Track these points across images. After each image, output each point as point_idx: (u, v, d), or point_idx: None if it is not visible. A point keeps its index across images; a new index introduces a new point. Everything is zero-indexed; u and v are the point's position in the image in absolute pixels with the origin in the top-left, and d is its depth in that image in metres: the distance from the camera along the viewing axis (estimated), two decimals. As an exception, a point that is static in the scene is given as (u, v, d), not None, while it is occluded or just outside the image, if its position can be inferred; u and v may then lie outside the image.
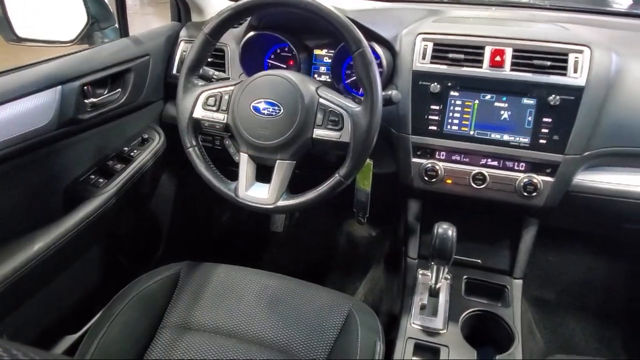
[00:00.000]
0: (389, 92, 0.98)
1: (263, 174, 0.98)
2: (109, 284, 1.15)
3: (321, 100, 0.93)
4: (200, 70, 1.02)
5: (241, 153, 0.97)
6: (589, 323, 1.50)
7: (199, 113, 0.98)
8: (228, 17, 0.94)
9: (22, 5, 1.12)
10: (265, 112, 0.93)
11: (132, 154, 1.26)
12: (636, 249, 1.55)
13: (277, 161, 0.94)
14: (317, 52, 1.27)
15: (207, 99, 0.98)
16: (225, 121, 0.97)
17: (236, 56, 1.24)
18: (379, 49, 1.10)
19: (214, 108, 0.98)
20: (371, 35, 1.11)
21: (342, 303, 0.99)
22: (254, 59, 1.26)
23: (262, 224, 1.87)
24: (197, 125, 1.00)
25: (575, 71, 1.00)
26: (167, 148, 1.35)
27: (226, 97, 0.97)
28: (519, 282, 1.17)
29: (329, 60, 1.22)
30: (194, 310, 0.97)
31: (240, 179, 0.97)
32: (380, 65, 1.10)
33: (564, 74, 1.01)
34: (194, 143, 0.99)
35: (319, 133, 0.92)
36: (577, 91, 1.00)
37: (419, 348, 1.00)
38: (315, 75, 1.27)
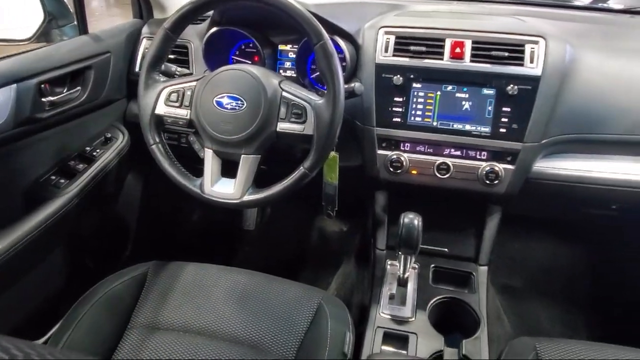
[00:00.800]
0: (352, 85, 0.99)
1: (229, 169, 0.97)
2: (75, 287, 1.13)
3: (284, 93, 0.93)
4: (163, 67, 1.01)
5: (206, 149, 0.97)
6: (555, 308, 1.55)
7: (161, 109, 0.97)
8: (187, 11, 0.93)
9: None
10: (229, 106, 0.92)
11: (94, 153, 1.23)
12: (595, 234, 1.61)
13: (242, 156, 0.94)
14: (282, 47, 1.27)
15: (170, 94, 0.97)
16: (188, 117, 0.96)
17: (200, 52, 1.23)
18: (342, 43, 1.11)
19: (177, 104, 0.97)
20: (334, 29, 1.11)
21: (312, 296, 0.99)
22: (218, 56, 1.25)
23: (233, 222, 1.86)
24: (159, 122, 0.98)
25: (531, 61, 1.03)
26: (131, 147, 1.33)
27: (189, 92, 0.97)
28: (484, 268, 1.20)
29: (294, 56, 1.22)
30: (162, 309, 0.96)
31: (205, 174, 0.96)
32: (343, 59, 1.11)
33: (521, 64, 1.04)
34: (157, 140, 0.98)
35: (282, 126, 0.92)
36: (534, 81, 1.03)
37: (388, 337, 1.01)
38: (281, 71, 1.27)
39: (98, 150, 1.24)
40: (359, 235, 1.73)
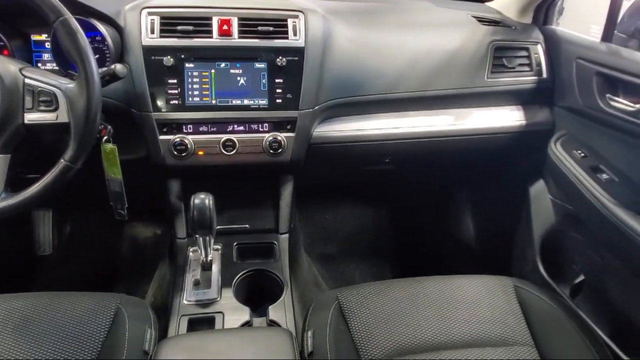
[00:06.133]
0: (112, 67, 0.92)
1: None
2: None
3: (27, 80, 0.82)
4: None
5: None
6: (365, 264, 1.71)
7: None
8: None
9: None
10: None
11: None
12: (379, 191, 1.81)
13: None
14: (35, 37, 1.12)
15: None
16: None
17: None
18: (100, 26, 1.03)
19: None
20: (88, 12, 1.03)
21: (108, 303, 0.91)
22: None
23: (25, 250, 1.61)
24: None
25: (295, 34, 1.10)
26: None
27: None
28: (285, 236, 1.24)
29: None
30: None
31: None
32: (104, 42, 1.03)
33: (286, 37, 1.10)
34: None
35: (31, 117, 0.82)
36: (299, 52, 1.09)
37: (193, 322, 0.98)
38: (40, 64, 1.13)
39: None
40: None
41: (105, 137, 1.02)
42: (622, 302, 1.08)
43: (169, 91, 1.06)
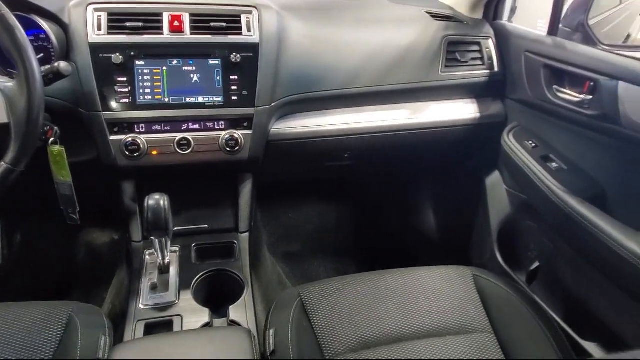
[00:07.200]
0: (56, 64, 0.88)
1: None
2: None
3: None
4: None
5: None
6: (329, 261, 1.70)
7: None
8: None
9: None
10: None
11: None
12: (342, 187, 1.82)
13: None
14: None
15: None
16: None
17: None
18: (43, 24, 0.98)
19: None
20: (30, 8, 0.98)
21: (59, 312, 0.87)
22: None
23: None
24: None
25: (249, 30, 1.08)
26: None
27: None
28: (245, 235, 1.22)
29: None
30: None
31: None
32: (48, 40, 0.99)
33: (240, 34, 1.08)
34: None
35: None
36: (254, 48, 1.08)
37: (150, 327, 0.95)
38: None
39: None
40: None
41: (52, 139, 0.98)
42: (574, 286, 1.13)
43: (119, 90, 1.03)
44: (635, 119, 0.90)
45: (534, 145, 1.18)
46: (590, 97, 1.00)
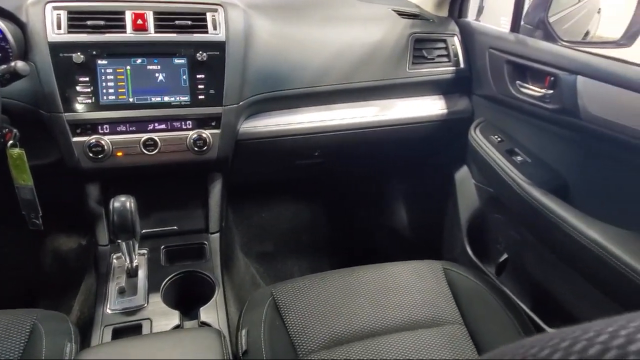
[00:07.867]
0: (12, 64, 0.85)
1: None
2: None
3: None
4: None
5: None
6: (304, 260, 1.70)
7: None
8: None
9: None
10: None
11: None
12: (313, 185, 1.82)
13: None
14: None
15: None
16: None
17: None
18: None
19: None
20: (-16, 6, 0.94)
21: (23, 320, 0.84)
22: None
23: None
24: None
25: (214, 28, 1.07)
26: None
27: None
28: (216, 236, 1.21)
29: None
30: None
31: None
32: (5, 40, 0.95)
33: (206, 32, 1.06)
34: None
35: None
36: (220, 46, 1.07)
37: (118, 332, 0.93)
38: None
39: None
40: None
41: (11, 142, 0.95)
42: (540, 275, 1.16)
43: (81, 90, 1.00)
44: (593, 112, 0.93)
45: (499, 139, 1.21)
46: (551, 91, 1.03)
